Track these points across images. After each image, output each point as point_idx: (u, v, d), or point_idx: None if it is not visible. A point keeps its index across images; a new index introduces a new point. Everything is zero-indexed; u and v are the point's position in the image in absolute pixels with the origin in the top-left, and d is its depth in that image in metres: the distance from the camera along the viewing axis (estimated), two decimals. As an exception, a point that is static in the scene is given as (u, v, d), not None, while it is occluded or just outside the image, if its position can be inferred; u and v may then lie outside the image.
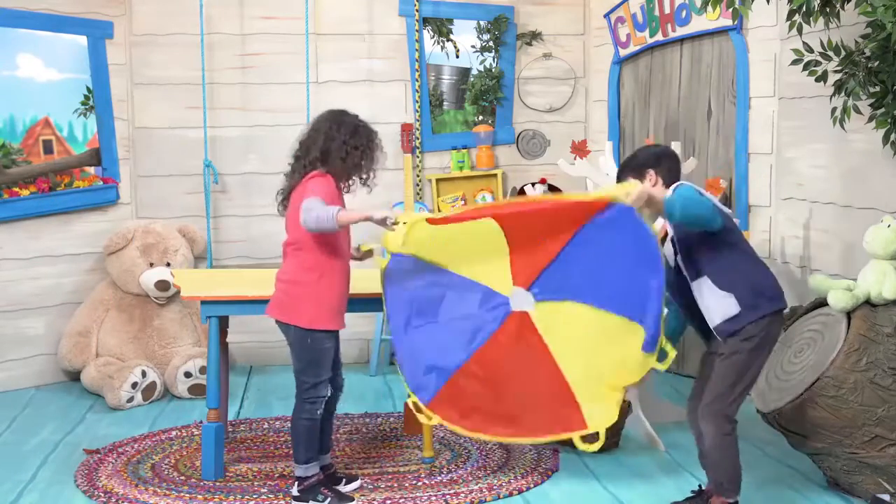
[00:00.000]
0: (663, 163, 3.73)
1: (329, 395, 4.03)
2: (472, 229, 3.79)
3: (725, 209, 3.68)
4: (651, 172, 3.71)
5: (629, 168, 3.78)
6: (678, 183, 3.67)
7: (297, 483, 4.01)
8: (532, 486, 4.23)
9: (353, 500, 4.03)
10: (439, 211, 6.12)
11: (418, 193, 6.43)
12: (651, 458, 4.59)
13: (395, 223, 3.83)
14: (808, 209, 4.92)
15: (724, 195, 5.42)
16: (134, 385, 5.45)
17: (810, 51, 4.13)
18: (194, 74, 6.24)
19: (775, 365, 4.16)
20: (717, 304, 3.59)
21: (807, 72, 4.18)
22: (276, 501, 4.04)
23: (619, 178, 3.79)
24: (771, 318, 3.60)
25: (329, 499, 3.99)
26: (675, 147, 4.85)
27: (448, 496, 4.08)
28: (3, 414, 5.33)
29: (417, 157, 6.43)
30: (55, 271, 5.94)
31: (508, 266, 3.80)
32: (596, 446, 3.66)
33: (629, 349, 3.47)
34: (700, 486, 3.93)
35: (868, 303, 3.95)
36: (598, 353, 3.60)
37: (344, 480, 4.18)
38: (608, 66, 6.43)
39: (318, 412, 3.97)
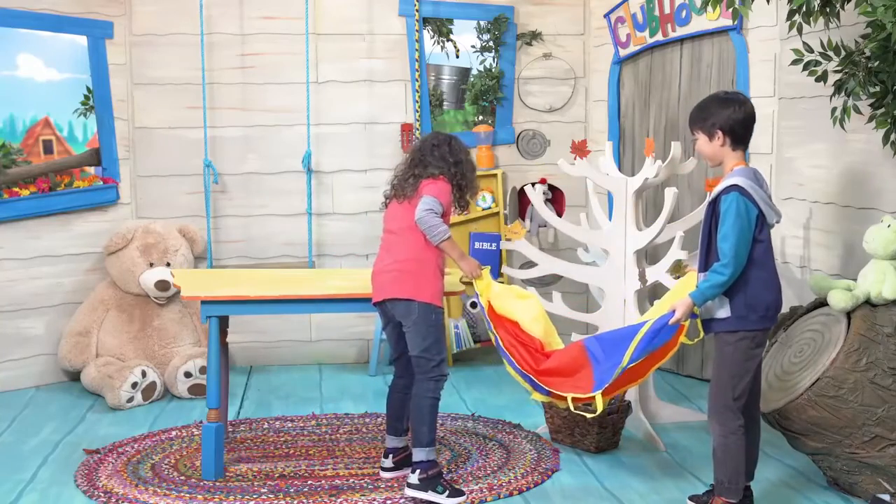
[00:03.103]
0: (737, 129, 3.69)
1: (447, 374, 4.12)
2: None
3: (773, 214, 3.69)
4: (720, 134, 3.69)
5: (701, 121, 3.75)
6: (732, 182, 3.62)
7: (418, 470, 4.02)
8: (532, 486, 4.23)
9: (464, 494, 4.05)
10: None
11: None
12: (651, 458, 4.59)
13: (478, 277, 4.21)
14: (808, 209, 4.92)
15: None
16: (134, 385, 5.45)
17: (810, 51, 4.13)
18: (194, 74, 6.24)
19: (775, 365, 4.16)
20: (713, 302, 3.67)
21: (807, 72, 4.17)
22: (276, 501, 4.04)
23: (691, 126, 3.80)
24: (755, 333, 3.67)
25: (448, 491, 4.00)
26: (676, 147, 4.86)
27: (448, 496, 4.08)
28: (3, 414, 5.33)
29: (417, 157, 6.42)
30: (55, 271, 5.94)
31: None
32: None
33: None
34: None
35: (868, 303, 3.96)
36: None
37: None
38: (608, 66, 6.43)
39: (441, 391, 4.07)
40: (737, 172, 3.66)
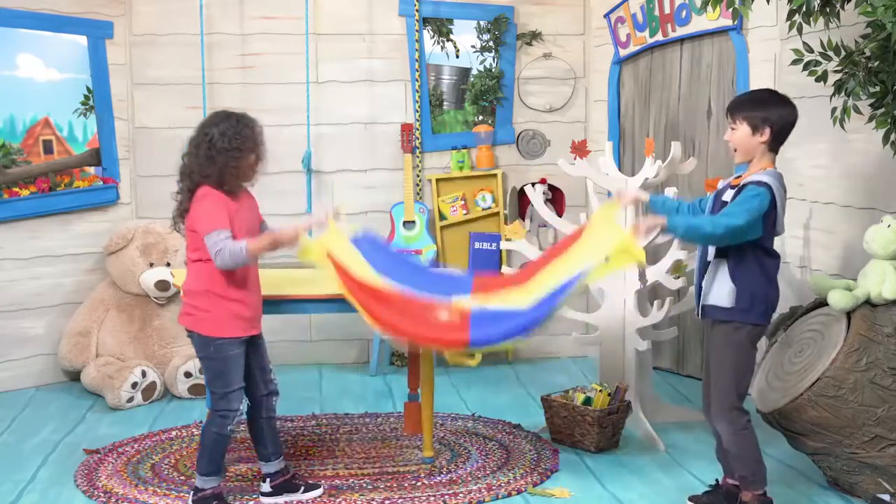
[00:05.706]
0: (786, 130, 3.66)
1: (242, 410, 3.89)
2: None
3: (783, 224, 3.69)
4: (768, 130, 3.63)
5: (751, 112, 3.65)
6: (764, 180, 3.58)
7: (192, 493, 3.93)
8: (532, 486, 4.22)
9: None
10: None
11: (418, 193, 6.43)
12: (651, 458, 4.59)
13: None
14: (808, 209, 4.92)
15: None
16: (134, 385, 5.45)
17: (810, 51, 4.12)
18: (194, 74, 6.24)
19: (775, 365, 4.16)
20: (719, 288, 3.68)
21: (807, 72, 4.17)
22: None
23: (734, 113, 3.69)
24: (752, 327, 3.67)
25: None
26: (676, 147, 4.87)
27: (447, 496, 4.08)
28: (3, 414, 5.33)
29: (417, 156, 6.43)
30: (55, 271, 5.94)
31: None
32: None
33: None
34: (717, 480, 3.99)
35: (868, 303, 3.96)
36: None
37: (303, 488, 4.06)
38: (608, 66, 6.42)
39: (229, 427, 3.85)
40: (772, 174, 3.63)
